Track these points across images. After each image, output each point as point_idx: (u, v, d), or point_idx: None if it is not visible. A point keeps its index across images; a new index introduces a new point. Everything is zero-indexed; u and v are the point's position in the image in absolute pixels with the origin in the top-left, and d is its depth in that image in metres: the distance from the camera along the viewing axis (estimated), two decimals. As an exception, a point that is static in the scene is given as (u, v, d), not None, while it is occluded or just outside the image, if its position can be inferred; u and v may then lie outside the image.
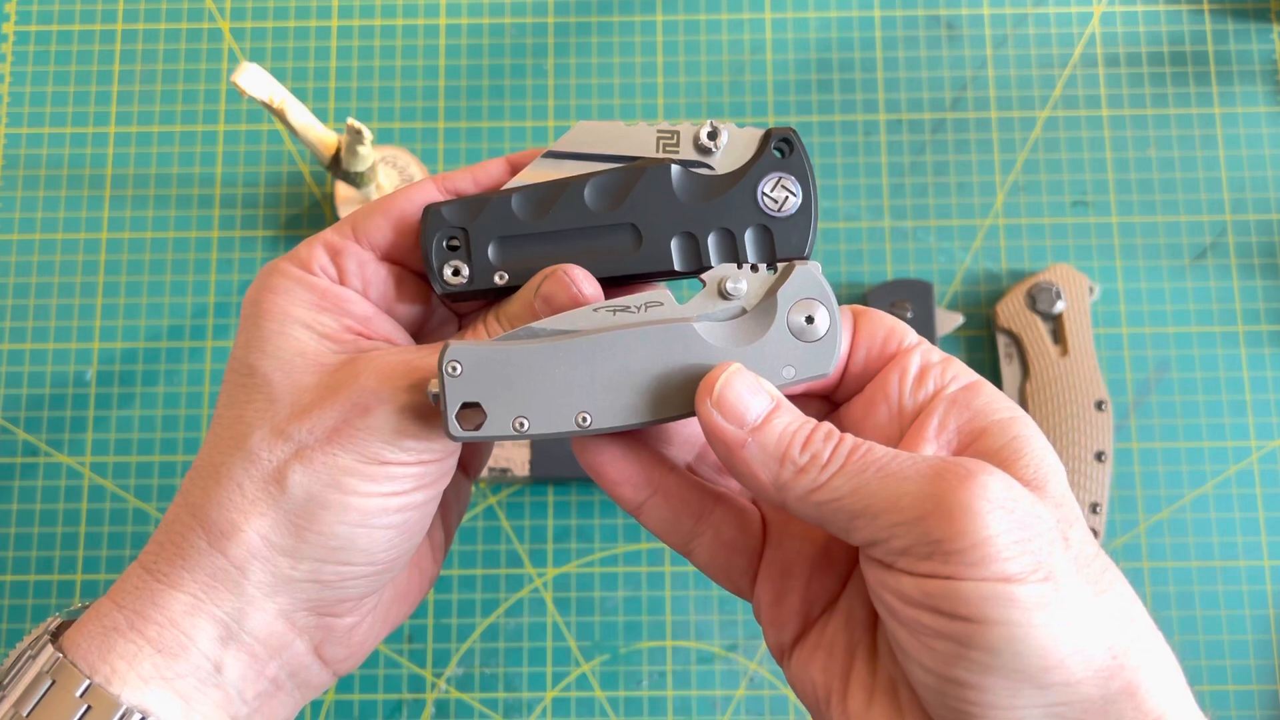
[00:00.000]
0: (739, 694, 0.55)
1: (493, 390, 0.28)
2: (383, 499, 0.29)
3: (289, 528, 0.28)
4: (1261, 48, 0.62)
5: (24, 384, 0.59)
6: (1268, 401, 0.58)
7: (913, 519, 0.25)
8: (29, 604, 0.56)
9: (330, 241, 0.31)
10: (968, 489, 0.24)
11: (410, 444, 0.29)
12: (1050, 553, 0.25)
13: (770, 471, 0.27)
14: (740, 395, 0.28)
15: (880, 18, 0.63)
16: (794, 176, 0.31)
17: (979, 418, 0.28)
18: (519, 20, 0.63)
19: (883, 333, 0.30)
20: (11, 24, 0.63)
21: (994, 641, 0.24)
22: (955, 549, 0.24)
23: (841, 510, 0.26)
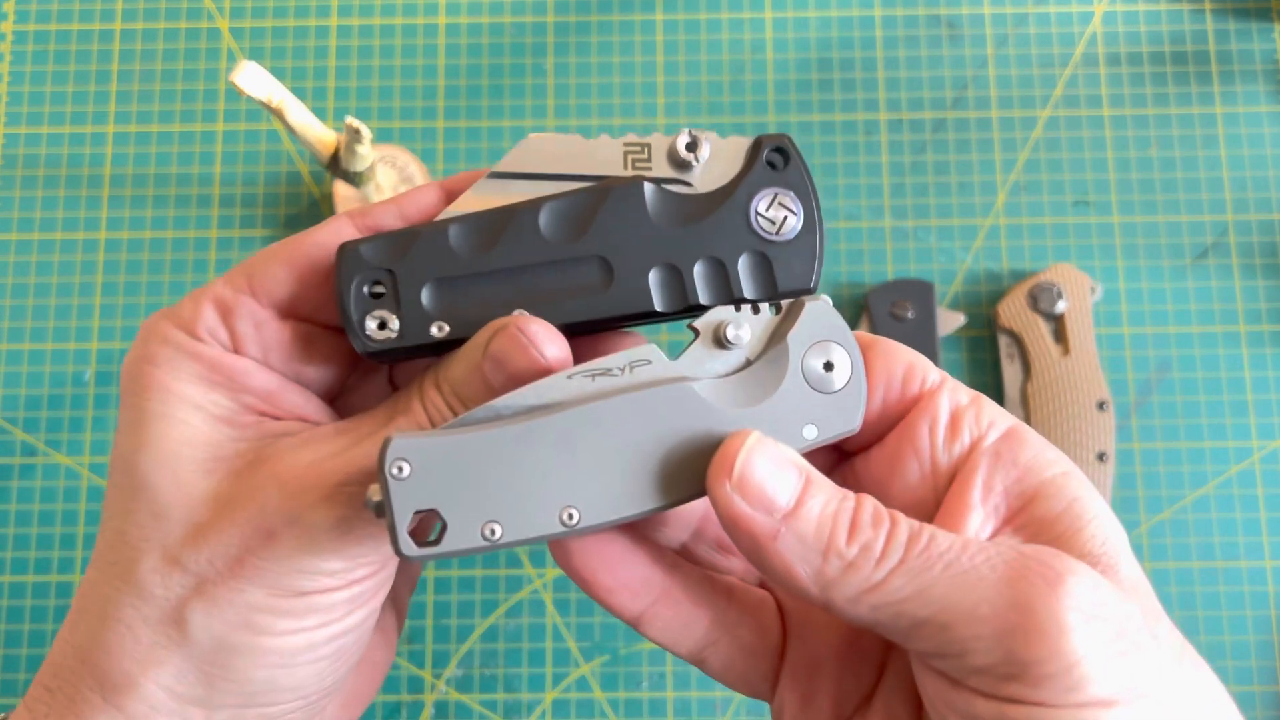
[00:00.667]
0: (739, 695, 0.55)
1: (452, 492, 0.22)
2: (307, 634, 0.24)
3: (197, 675, 0.23)
4: (1263, 47, 0.62)
5: (22, 384, 0.59)
6: (1269, 401, 0.58)
7: (994, 633, 0.21)
8: (27, 604, 0.56)
9: (220, 297, 0.25)
10: (1059, 598, 0.21)
11: (334, 565, 0.23)
12: (1145, 663, 0.21)
13: (812, 568, 0.22)
14: (768, 474, 0.22)
15: (881, 17, 0.63)
16: (793, 192, 0.26)
17: (1028, 476, 0.24)
18: (519, 20, 0.63)
19: (901, 370, 0.25)
20: (10, 24, 0.63)
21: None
22: (1047, 673, 0.21)
23: (903, 616, 0.22)
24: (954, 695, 0.22)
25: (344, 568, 0.24)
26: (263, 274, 0.25)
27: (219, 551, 0.23)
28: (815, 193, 0.26)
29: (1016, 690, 0.21)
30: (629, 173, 0.26)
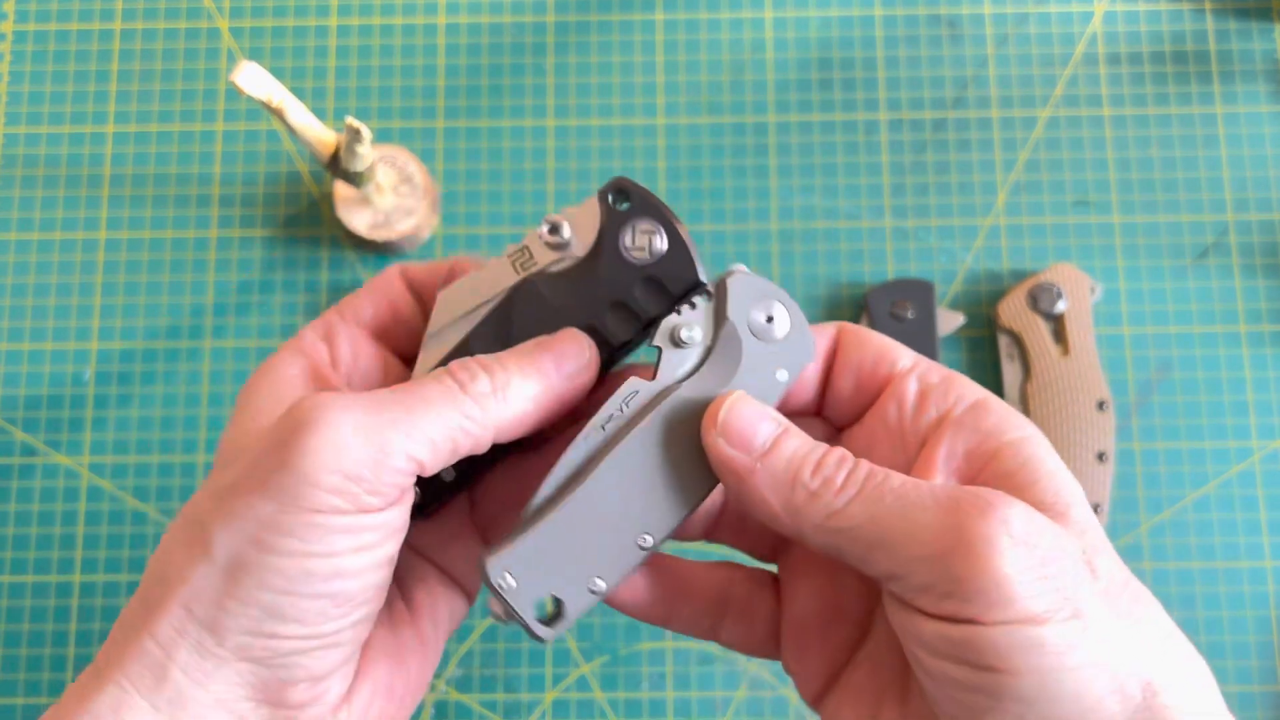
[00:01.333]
0: (739, 695, 0.55)
1: (553, 575, 0.27)
2: (309, 560, 0.25)
3: (210, 595, 0.24)
4: (1263, 47, 0.62)
5: (22, 384, 0.59)
6: (1270, 402, 0.58)
7: (932, 554, 0.24)
8: (27, 605, 0.56)
9: (321, 322, 0.31)
10: (988, 522, 0.23)
11: (335, 481, 0.25)
12: (1077, 587, 0.23)
13: (782, 497, 0.26)
14: (745, 420, 0.27)
15: (881, 17, 0.63)
16: (645, 217, 0.29)
17: (989, 440, 0.27)
18: (519, 20, 0.63)
19: (871, 356, 0.29)
20: (10, 24, 0.63)
21: (1025, 691, 0.23)
22: (976, 588, 0.23)
23: (858, 540, 0.25)
24: (908, 621, 0.25)
25: (352, 476, 0.25)
26: (350, 303, 0.31)
27: (241, 467, 0.25)
28: (663, 206, 0.30)
29: (951, 607, 0.23)
30: (521, 276, 0.30)
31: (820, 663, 0.29)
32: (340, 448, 0.24)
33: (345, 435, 0.25)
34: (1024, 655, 0.23)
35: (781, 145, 0.61)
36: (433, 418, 0.26)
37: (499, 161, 0.61)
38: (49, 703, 0.55)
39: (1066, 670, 0.23)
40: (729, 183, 0.61)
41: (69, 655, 0.56)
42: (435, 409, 0.26)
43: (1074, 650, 0.23)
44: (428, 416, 0.26)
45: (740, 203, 0.60)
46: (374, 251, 0.59)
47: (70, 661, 0.56)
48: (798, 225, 0.60)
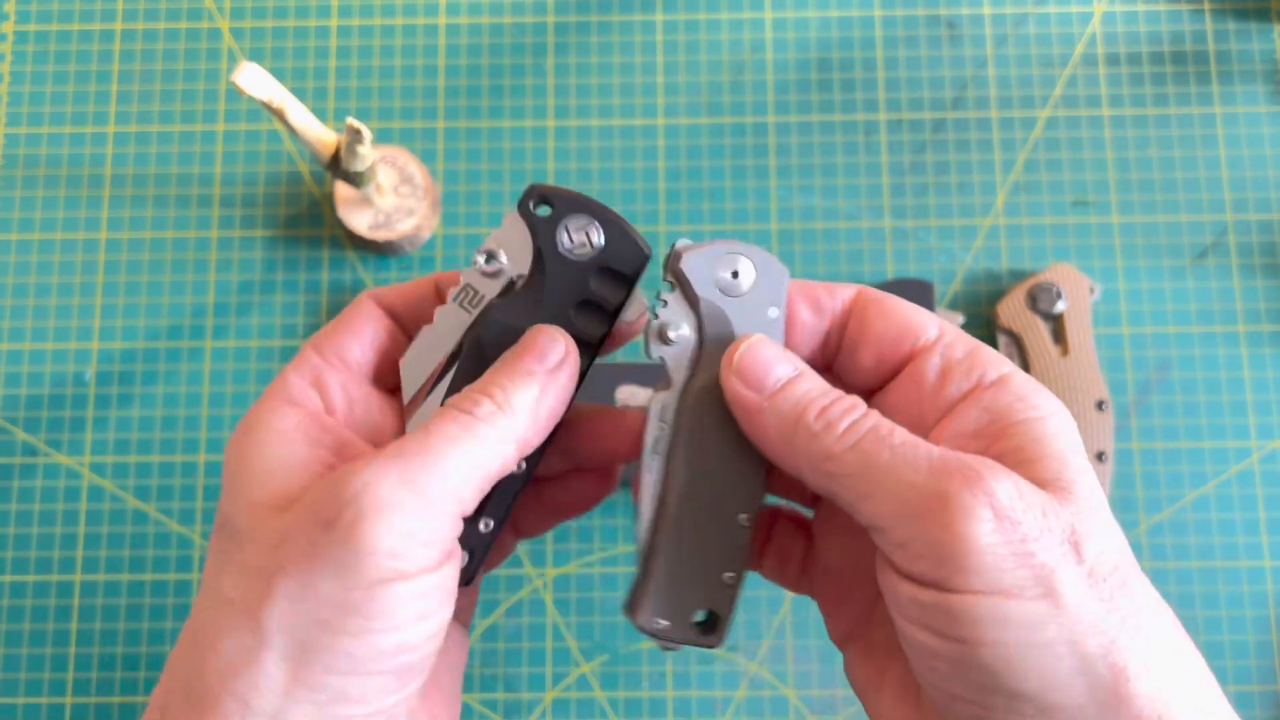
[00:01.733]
0: (739, 695, 0.55)
1: (691, 593, 0.28)
2: (375, 638, 0.24)
3: (269, 683, 0.24)
4: (1262, 47, 0.62)
5: (23, 384, 0.59)
6: (1269, 402, 0.58)
7: (913, 512, 0.24)
8: (28, 604, 0.56)
9: (305, 368, 0.29)
10: (972, 489, 0.23)
11: (392, 543, 0.24)
12: (1056, 567, 0.23)
13: (785, 436, 0.26)
14: (757, 360, 0.27)
15: (880, 18, 0.63)
16: (572, 214, 0.29)
17: (1001, 418, 0.26)
18: (519, 20, 0.63)
19: (895, 329, 0.28)
20: (11, 24, 0.63)
21: (990, 663, 0.23)
22: (949, 553, 0.23)
23: (849, 488, 0.25)
24: (885, 577, 0.25)
25: (406, 539, 0.24)
26: (332, 342, 0.30)
27: (285, 545, 0.24)
28: (586, 198, 0.29)
29: (924, 568, 0.24)
30: (474, 315, 0.30)
31: (844, 612, 0.30)
32: (389, 510, 0.24)
33: (392, 497, 0.24)
34: (990, 628, 0.23)
35: (781, 145, 0.61)
36: (460, 454, 0.26)
37: (499, 161, 0.61)
38: (49, 703, 0.55)
39: (1032, 647, 0.23)
40: (729, 183, 0.61)
41: (69, 655, 0.56)
42: (458, 445, 0.26)
43: (1041, 628, 0.23)
44: (455, 454, 0.26)
45: (740, 203, 0.60)
46: (374, 251, 0.60)
47: (71, 661, 0.56)
48: (798, 225, 0.60)
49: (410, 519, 0.24)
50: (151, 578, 0.57)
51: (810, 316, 0.29)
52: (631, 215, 0.60)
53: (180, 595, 0.56)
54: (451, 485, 0.25)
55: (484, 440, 0.26)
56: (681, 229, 0.60)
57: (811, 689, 0.56)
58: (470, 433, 0.26)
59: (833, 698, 0.55)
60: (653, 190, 0.60)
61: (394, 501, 0.24)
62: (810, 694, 0.56)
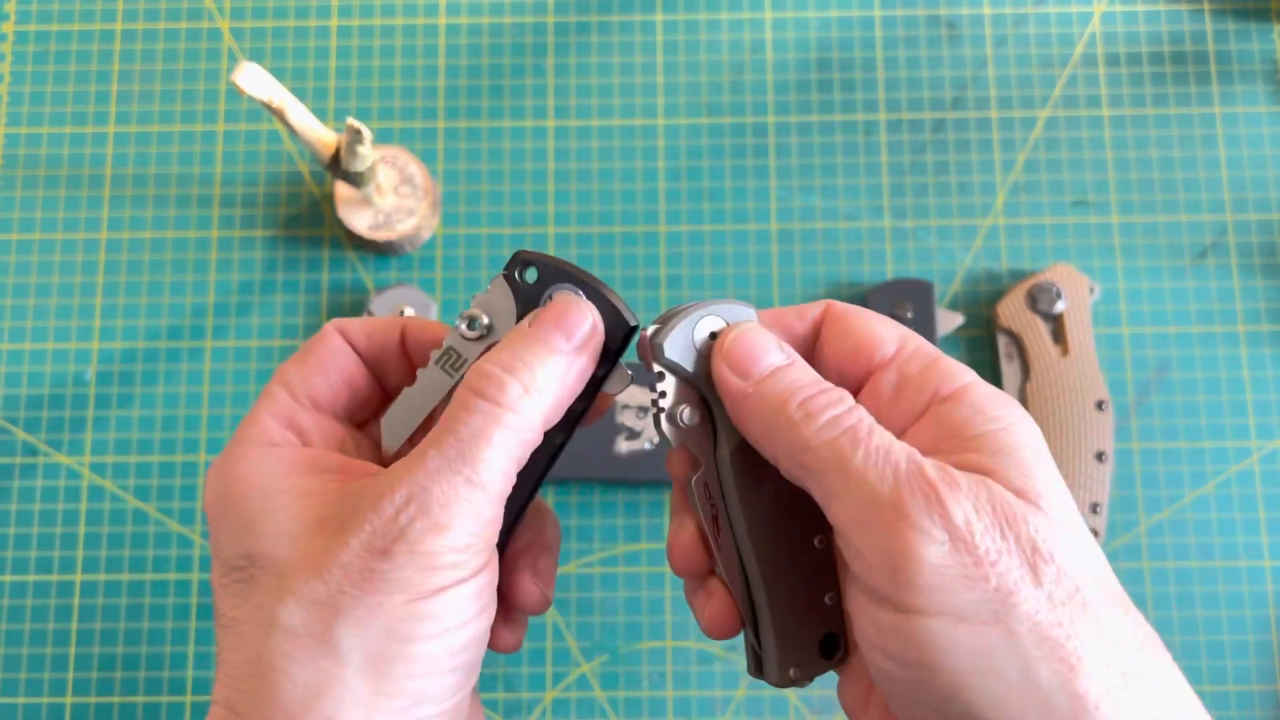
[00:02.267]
0: (739, 694, 0.55)
1: (805, 628, 0.28)
2: (447, 637, 0.25)
3: (358, 701, 0.24)
4: (1262, 47, 0.62)
5: (23, 384, 0.59)
6: (1268, 401, 0.58)
7: (872, 522, 0.24)
8: (28, 604, 0.56)
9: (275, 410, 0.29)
10: (929, 509, 0.23)
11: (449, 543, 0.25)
12: (1011, 592, 0.23)
13: (768, 422, 0.26)
14: (747, 347, 0.27)
15: (880, 18, 0.63)
16: (558, 283, 0.29)
17: (957, 433, 0.26)
18: (519, 20, 0.63)
19: (851, 347, 0.28)
20: (11, 24, 0.63)
21: (945, 689, 0.23)
22: (901, 569, 0.23)
23: (820, 484, 0.25)
24: (848, 591, 0.26)
25: (461, 544, 0.25)
26: (301, 379, 0.29)
27: (348, 570, 0.25)
28: (571, 266, 0.29)
29: (878, 582, 0.23)
30: (455, 379, 0.29)
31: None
32: (442, 528, 0.25)
33: (441, 514, 0.25)
34: (941, 653, 0.22)
35: (781, 145, 0.61)
36: (490, 447, 0.26)
37: (499, 161, 0.61)
38: (49, 702, 0.55)
39: (985, 674, 0.22)
40: (729, 183, 0.61)
41: (70, 654, 0.56)
42: (487, 436, 0.26)
43: (992, 654, 0.22)
44: (486, 448, 0.26)
45: (740, 203, 0.60)
46: (374, 251, 0.60)
47: (71, 661, 0.56)
48: (797, 225, 0.60)
49: (462, 531, 0.25)
50: (151, 578, 0.57)
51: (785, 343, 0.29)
52: (631, 215, 0.60)
53: (180, 595, 0.56)
54: (490, 482, 0.25)
55: (513, 430, 0.26)
56: (681, 229, 0.60)
57: (812, 689, 0.56)
58: (499, 425, 0.26)
59: (833, 698, 0.55)
60: (653, 190, 0.60)
61: (445, 517, 0.25)
62: (810, 694, 0.56)
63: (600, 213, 0.60)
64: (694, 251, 0.60)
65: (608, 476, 0.55)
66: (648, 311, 0.59)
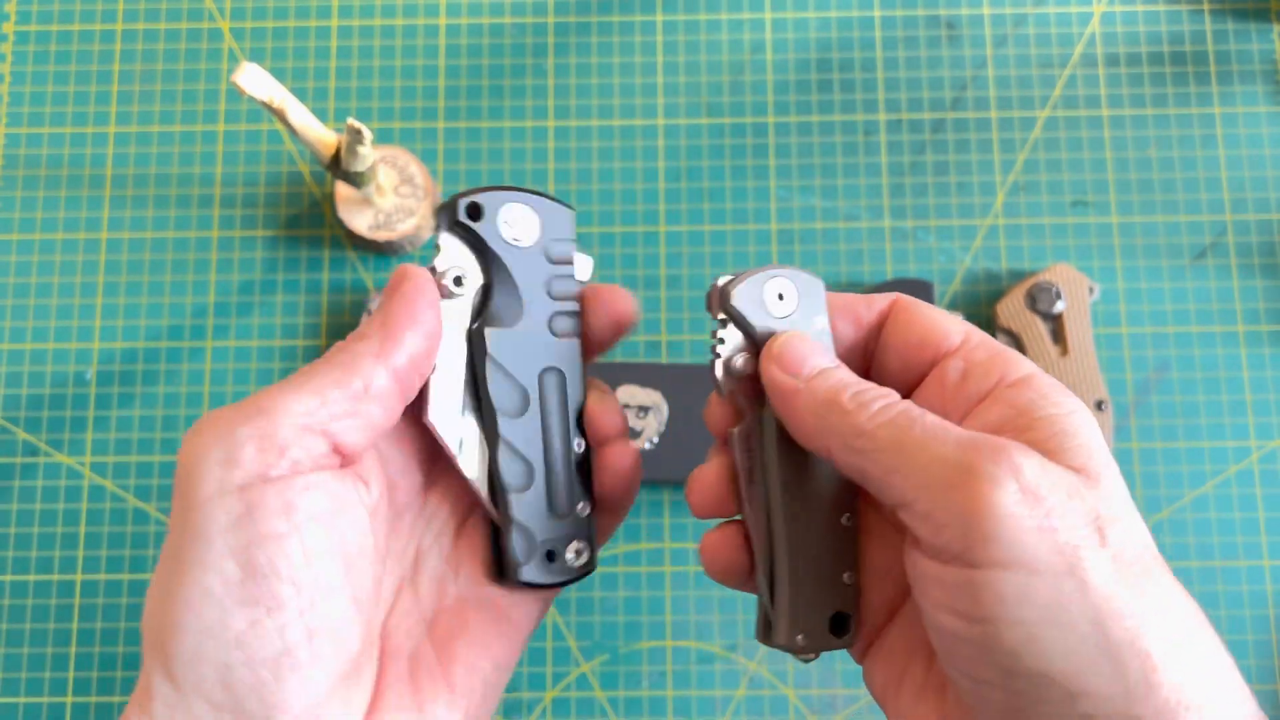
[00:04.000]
0: (739, 694, 0.55)
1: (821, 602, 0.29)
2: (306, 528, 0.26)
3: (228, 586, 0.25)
4: (1261, 47, 0.62)
5: (24, 384, 0.59)
6: (1268, 401, 0.58)
7: (941, 483, 0.24)
8: (29, 604, 0.56)
9: None
10: (999, 463, 0.23)
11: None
12: (1080, 547, 0.23)
13: (819, 415, 0.27)
14: (796, 351, 0.28)
15: (880, 18, 0.63)
16: (502, 206, 0.30)
17: (1023, 414, 0.26)
18: (519, 20, 0.63)
19: (917, 338, 0.29)
20: (11, 24, 0.63)
21: (1014, 644, 0.23)
22: (974, 523, 0.23)
23: (879, 462, 0.25)
24: (911, 556, 0.25)
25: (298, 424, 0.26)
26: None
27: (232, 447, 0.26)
28: (500, 187, 0.30)
29: (948, 540, 0.24)
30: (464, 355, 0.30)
31: (866, 621, 0.30)
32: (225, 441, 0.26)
33: (220, 421, 0.26)
34: (1012, 606, 0.23)
35: (781, 146, 0.61)
36: (314, 377, 0.27)
37: (499, 162, 0.61)
38: (49, 702, 0.55)
39: (1056, 626, 0.23)
40: (729, 183, 0.61)
41: (70, 654, 0.56)
42: (316, 370, 0.27)
43: (1065, 608, 0.23)
44: (309, 378, 0.27)
45: (740, 203, 0.60)
46: (375, 251, 0.60)
47: (71, 661, 0.56)
48: (797, 225, 0.60)
49: (297, 412, 0.26)
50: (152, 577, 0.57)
51: (849, 329, 0.30)
52: (631, 215, 0.60)
53: (181, 595, 0.56)
54: (301, 403, 0.26)
55: (340, 366, 0.27)
56: (681, 229, 0.60)
57: (811, 689, 0.56)
58: (329, 360, 0.27)
59: (833, 698, 0.55)
60: (653, 190, 0.61)
61: (221, 423, 0.26)
62: (810, 694, 0.56)
63: (600, 213, 0.60)
64: (694, 251, 0.60)
65: (608, 476, 0.55)
66: (649, 312, 0.59)
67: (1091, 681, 0.23)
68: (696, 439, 0.55)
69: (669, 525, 0.57)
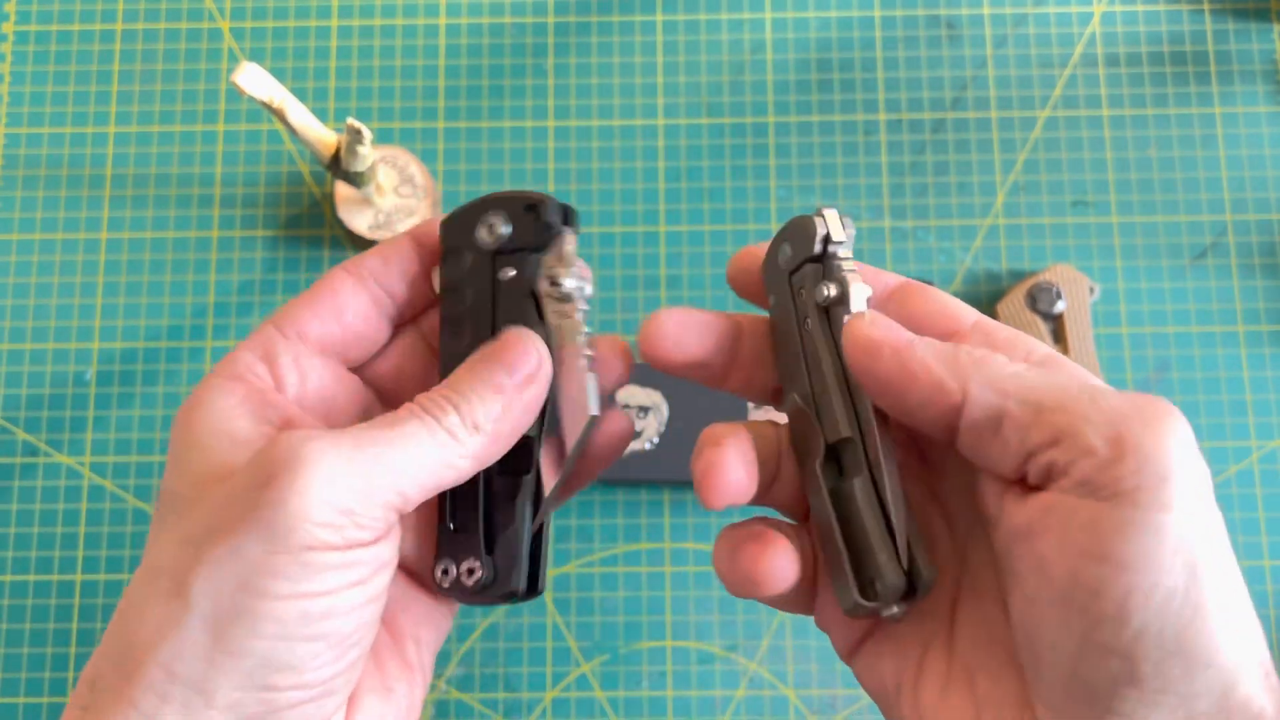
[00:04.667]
0: (739, 694, 0.55)
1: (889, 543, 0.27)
2: (303, 602, 0.24)
3: (194, 652, 0.23)
4: (1262, 47, 0.62)
5: (24, 384, 0.59)
6: (1268, 401, 0.58)
7: (1113, 422, 0.23)
8: (29, 604, 0.56)
9: (255, 342, 0.28)
10: (1179, 420, 0.23)
11: (328, 516, 0.24)
12: (1207, 497, 0.23)
13: (947, 362, 0.25)
14: (883, 320, 0.27)
15: (880, 18, 0.63)
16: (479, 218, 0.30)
17: None
18: (519, 20, 0.63)
19: (936, 308, 0.28)
20: (11, 24, 0.63)
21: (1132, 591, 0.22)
22: (1157, 460, 0.22)
23: (1030, 401, 0.24)
24: (1026, 497, 0.24)
25: (339, 522, 0.24)
26: (291, 316, 0.29)
27: (217, 512, 0.24)
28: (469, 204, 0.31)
29: (1116, 475, 0.22)
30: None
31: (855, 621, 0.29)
32: (328, 482, 0.24)
33: (332, 470, 0.24)
34: (1165, 553, 0.22)
35: (781, 145, 0.61)
36: (415, 454, 0.26)
37: (499, 162, 0.61)
38: (49, 702, 0.55)
39: (1209, 595, 0.22)
40: (729, 183, 0.61)
41: (70, 654, 0.56)
42: (416, 444, 0.26)
43: (1221, 580, 0.23)
44: (410, 453, 0.25)
45: (740, 203, 0.60)
46: (374, 251, 0.60)
47: (71, 660, 0.56)
48: (797, 225, 0.60)
49: (346, 494, 0.24)
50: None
51: None
52: (631, 215, 0.60)
53: (181, 595, 0.56)
54: (395, 476, 0.25)
55: (443, 448, 0.26)
56: (681, 229, 0.60)
57: (811, 689, 0.56)
58: (432, 439, 0.26)
59: (833, 698, 0.55)
60: (653, 190, 0.61)
61: (333, 474, 0.24)
62: (810, 694, 0.56)
63: (600, 213, 0.60)
64: (694, 251, 0.60)
65: (608, 476, 0.55)
66: (649, 311, 0.59)
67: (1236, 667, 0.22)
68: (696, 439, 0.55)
69: (669, 525, 0.57)
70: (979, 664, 0.26)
